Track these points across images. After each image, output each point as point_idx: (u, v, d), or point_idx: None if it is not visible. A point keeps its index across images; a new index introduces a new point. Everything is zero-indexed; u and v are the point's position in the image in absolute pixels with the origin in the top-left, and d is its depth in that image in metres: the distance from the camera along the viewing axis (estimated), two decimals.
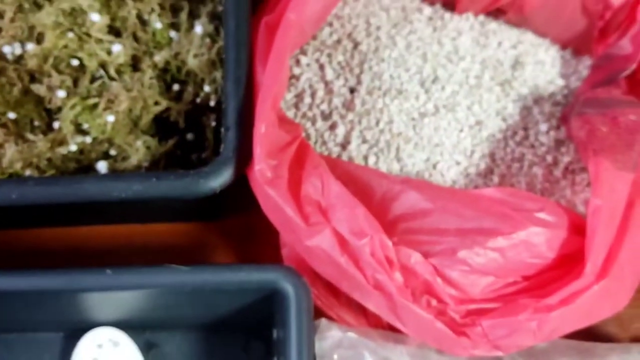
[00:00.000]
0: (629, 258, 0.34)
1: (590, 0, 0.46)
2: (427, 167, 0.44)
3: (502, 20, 0.51)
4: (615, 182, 0.35)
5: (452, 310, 0.35)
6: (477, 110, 0.46)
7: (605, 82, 0.44)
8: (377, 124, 0.44)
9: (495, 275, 0.35)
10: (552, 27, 0.50)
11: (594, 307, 0.34)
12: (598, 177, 0.35)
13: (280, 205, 0.34)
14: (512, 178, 0.44)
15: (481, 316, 0.34)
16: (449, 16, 0.50)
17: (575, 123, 0.41)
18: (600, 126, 0.39)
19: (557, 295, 0.33)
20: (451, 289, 0.35)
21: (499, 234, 0.34)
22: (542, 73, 0.49)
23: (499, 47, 0.49)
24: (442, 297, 0.34)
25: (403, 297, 0.33)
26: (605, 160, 0.36)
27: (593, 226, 0.34)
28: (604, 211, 0.34)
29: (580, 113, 0.41)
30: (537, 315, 0.33)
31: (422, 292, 0.35)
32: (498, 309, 0.35)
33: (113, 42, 0.43)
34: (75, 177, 0.40)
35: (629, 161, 0.36)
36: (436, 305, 0.35)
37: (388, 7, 0.50)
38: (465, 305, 0.35)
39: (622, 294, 0.35)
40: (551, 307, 0.33)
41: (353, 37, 0.48)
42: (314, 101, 0.46)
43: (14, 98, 0.42)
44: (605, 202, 0.34)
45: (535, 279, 0.36)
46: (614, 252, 0.34)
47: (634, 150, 0.37)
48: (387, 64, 0.46)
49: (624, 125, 0.39)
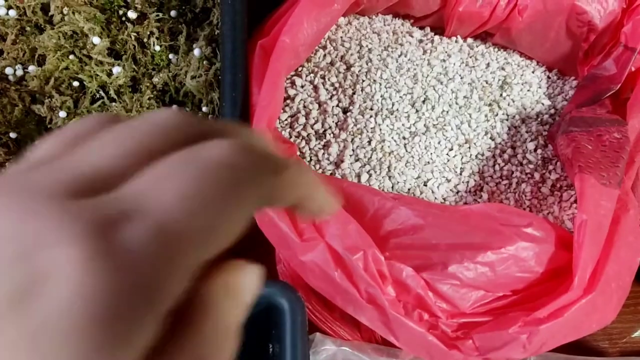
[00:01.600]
0: (616, 272, 0.35)
1: (575, 23, 0.48)
2: (418, 184, 0.44)
3: (490, 42, 0.53)
4: (600, 198, 0.35)
5: (443, 323, 0.35)
6: (466, 129, 0.47)
7: (591, 102, 0.44)
8: (370, 142, 0.45)
9: (485, 290, 0.35)
10: (538, 49, 0.51)
11: (582, 320, 0.34)
12: (584, 193, 0.36)
13: (276, 221, 0.35)
14: (501, 195, 0.45)
15: (472, 329, 0.34)
16: (439, 39, 0.52)
17: (562, 141, 0.42)
18: (586, 144, 0.40)
19: (546, 309, 0.33)
20: (442, 302, 0.35)
21: (488, 248, 0.35)
22: (529, 93, 0.50)
23: (487, 69, 0.50)
24: (434, 311, 0.35)
25: (395, 311, 0.33)
26: (591, 177, 0.36)
27: (579, 241, 0.34)
28: (589, 226, 0.34)
29: (566, 131, 0.42)
30: (527, 329, 0.33)
31: (415, 306, 0.35)
32: (489, 323, 0.35)
33: (113, 64, 0.43)
34: None
35: (614, 177, 0.36)
36: (428, 319, 0.35)
37: (379, 30, 0.51)
38: (456, 319, 0.35)
39: (609, 308, 0.35)
40: (541, 321, 0.33)
41: (346, 59, 0.49)
42: (308, 121, 0.46)
43: (15, 118, 0.42)
44: (591, 217, 0.34)
45: (525, 293, 0.36)
46: (600, 266, 0.34)
47: (618, 167, 0.37)
48: (378, 85, 0.47)
49: (609, 142, 0.39)
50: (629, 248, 0.36)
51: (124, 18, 0.45)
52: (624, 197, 0.37)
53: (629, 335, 0.44)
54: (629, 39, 0.45)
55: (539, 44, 0.50)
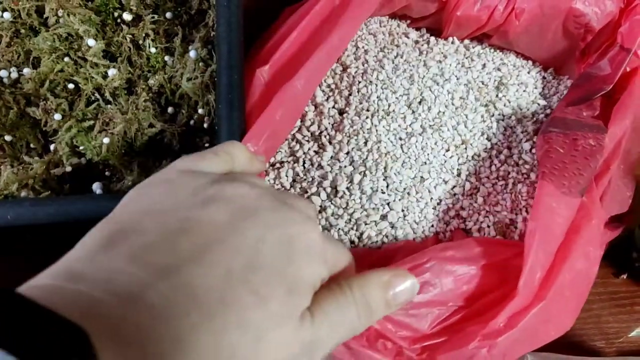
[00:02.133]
0: (570, 281, 0.34)
1: (572, 25, 0.48)
2: (414, 183, 0.45)
3: (487, 43, 0.53)
4: (558, 206, 0.35)
5: (407, 350, 0.35)
6: (462, 130, 0.47)
7: (582, 101, 0.44)
8: (366, 144, 0.45)
9: (438, 304, 0.35)
10: (534, 50, 0.51)
11: (538, 329, 0.34)
12: (539, 200, 0.35)
13: None
14: (497, 195, 0.45)
15: (436, 351, 0.34)
16: (435, 40, 0.52)
17: (539, 141, 0.41)
18: (558, 147, 0.39)
19: (499, 318, 0.33)
20: (402, 330, 0.35)
21: (420, 266, 0.35)
22: (525, 94, 0.50)
23: (483, 69, 0.50)
24: (395, 339, 0.34)
25: (359, 344, 0.33)
26: (551, 185, 0.36)
27: (528, 247, 0.34)
28: (539, 233, 0.34)
29: (545, 131, 0.41)
30: (485, 342, 0.33)
31: (377, 337, 0.34)
32: (449, 341, 0.35)
33: (108, 66, 0.43)
34: (70, 197, 0.40)
35: (576, 186, 0.36)
36: (392, 348, 0.35)
37: (375, 31, 0.51)
38: (419, 343, 0.35)
39: (566, 315, 0.35)
40: (498, 332, 0.33)
41: (342, 60, 0.49)
42: (304, 123, 0.46)
43: (10, 121, 0.42)
44: (541, 225, 0.34)
45: (478, 304, 0.36)
46: (554, 274, 0.34)
47: (583, 175, 0.37)
48: (374, 86, 0.47)
49: (582, 148, 0.39)
50: (586, 258, 0.35)
51: (119, 20, 0.45)
52: (588, 206, 0.36)
53: (625, 335, 0.44)
54: (624, 39, 0.45)
55: (536, 46, 0.51)
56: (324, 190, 0.43)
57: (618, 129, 0.42)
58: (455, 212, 0.45)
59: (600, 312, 0.45)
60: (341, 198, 0.43)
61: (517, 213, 0.43)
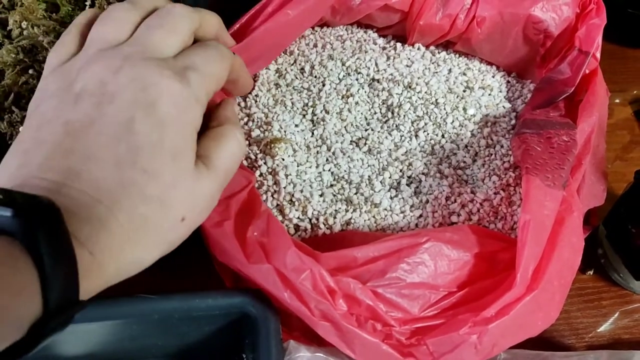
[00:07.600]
0: (558, 271, 0.35)
1: (532, 31, 0.49)
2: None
3: (452, 50, 0.54)
4: (545, 198, 0.36)
5: (397, 332, 0.35)
6: (435, 134, 0.48)
7: (547, 104, 0.45)
8: (334, 153, 0.45)
9: (430, 285, 0.36)
10: (497, 56, 0.53)
11: (528, 318, 0.35)
12: (529, 193, 0.36)
13: (225, 246, 0.35)
14: (472, 197, 0.44)
15: (425, 335, 0.35)
16: (401, 46, 0.53)
17: (514, 143, 0.42)
18: (535, 145, 0.40)
19: (493, 307, 0.34)
20: (393, 311, 0.35)
21: (418, 245, 0.36)
22: (491, 97, 0.51)
23: (450, 74, 0.51)
24: (386, 320, 0.35)
25: (349, 324, 0.33)
26: (537, 179, 0.37)
27: (523, 240, 0.35)
28: (532, 226, 0.35)
29: (519, 133, 0.43)
30: (476, 329, 0.33)
31: (367, 317, 0.35)
32: (440, 326, 0.35)
33: None
34: None
35: (558, 179, 0.37)
36: (382, 329, 0.35)
37: (344, 38, 0.52)
38: (409, 325, 0.35)
39: (552, 305, 0.36)
40: (489, 320, 0.34)
41: (311, 65, 0.50)
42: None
43: None
44: (534, 217, 0.35)
45: (471, 290, 0.37)
46: (543, 265, 0.35)
47: (564, 169, 0.38)
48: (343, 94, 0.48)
49: (557, 145, 0.40)
50: (571, 248, 0.36)
51: None
52: (569, 199, 0.38)
53: (594, 330, 0.45)
54: (582, 43, 0.47)
55: (498, 52, 0.52)
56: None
57: (586, 125, 0.43)
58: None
59: (569, 308, 0.46)
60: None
61: (493, 215, 0.44)
